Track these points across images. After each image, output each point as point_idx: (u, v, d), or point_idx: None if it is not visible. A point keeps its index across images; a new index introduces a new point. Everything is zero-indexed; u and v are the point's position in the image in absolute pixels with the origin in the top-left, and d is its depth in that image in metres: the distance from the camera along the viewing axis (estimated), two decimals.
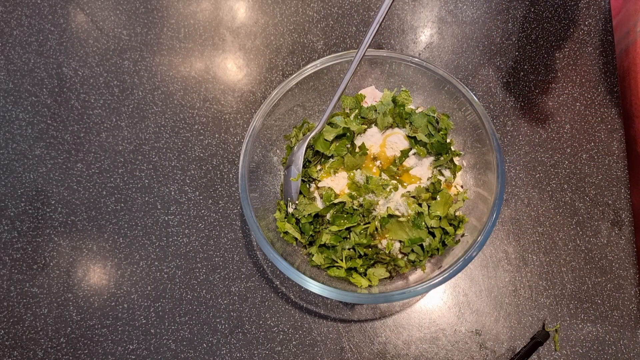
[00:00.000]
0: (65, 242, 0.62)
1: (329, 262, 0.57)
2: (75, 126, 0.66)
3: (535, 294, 0.61)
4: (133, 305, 0.60)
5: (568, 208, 0.64)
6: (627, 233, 0.63)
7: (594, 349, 0.60)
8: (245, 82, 0.69)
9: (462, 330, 0.60)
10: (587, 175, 0.65)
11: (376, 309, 0.60)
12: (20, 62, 0.68)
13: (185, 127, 0.66)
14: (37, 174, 0.64)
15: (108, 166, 0.65)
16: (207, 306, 0.60)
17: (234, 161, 0.65)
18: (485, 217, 0.53)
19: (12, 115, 0.66)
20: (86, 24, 0.70)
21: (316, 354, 0.59)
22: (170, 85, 0.68)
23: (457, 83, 0.57)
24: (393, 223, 0.57)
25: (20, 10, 0.70)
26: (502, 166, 0.54)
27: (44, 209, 0.63)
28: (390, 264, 0.57)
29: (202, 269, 0.61)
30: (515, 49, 0.70)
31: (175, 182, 0.64)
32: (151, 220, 0.63)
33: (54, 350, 0.59)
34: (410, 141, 0.61)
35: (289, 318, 0.60)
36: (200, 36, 0.70)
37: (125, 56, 0.69)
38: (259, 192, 0.57)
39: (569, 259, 0.62)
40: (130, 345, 0.59)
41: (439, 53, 0.70)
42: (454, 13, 0.71)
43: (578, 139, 0.66)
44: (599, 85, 0.68)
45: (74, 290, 0.61)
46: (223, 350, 0.59)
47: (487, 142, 0.55)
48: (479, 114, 0.56)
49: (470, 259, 0.51)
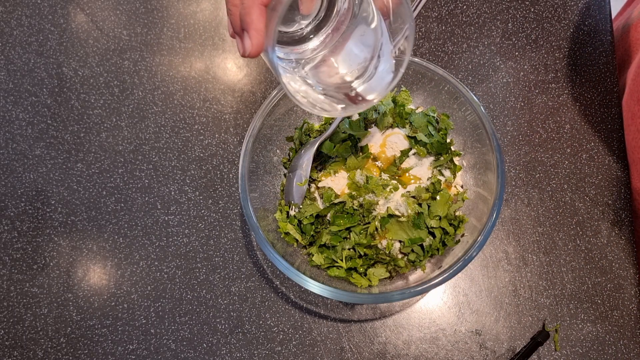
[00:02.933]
0: (65, 242, 0.62)
1: (329, 262, 0.57)
2: (75, 126, 0.66)
3: (535, 294, 0.61)
4: (133, 305, 0.60)
5: (568, 208, 0.64)
6: (627, 233, 0.63)
7: (594, 349, 0.60)
8: (245, 82, 0.69)
9: (462, 330, 0.60)
10: (587, 175, 0.65)
11: (376, 309, 0.60)
12: (20, 62, 0.68)
13: (185, 127, 0.66)
14: (37, 174, 0.64)
15: (108, 166, 0.65)
16: (207, 306, 0.60)
17: (234, 161, 0.65)
18: (485, 217, 0.53)
19: (12, 115, 0.66)
20: (86, 24, 0.70)
21: (316, 354, 0.59)
22: (170, 85, 0.68)
23: (457, 83, 0.57)
24: (393, 223, 0.57)
25: (20, 10, 0.70)
26: (502, 166, 0.54)
27: (44, 209, 0.63)
28: (390, 264, 0.57)
29: (202, 269, 0.61)
30: (515, 49, 0.70)
31: (175, 182, 0.64)
32: (151, 220, 0.63)
33: (54, 350, 0.59)
34: (410, 141, 0.61)
35: (289, 318, 0.60)
36: (200, 36, 0.70)
37: (125, 56, 0.69)
38: (259, 192, 0.57)
39: (569, 259, 0.62)
40: (130, 345, 0.59)
41: (439, 53, 0.70)
42: (454, 13, 0.71)
43: (578, 139, 0.66)
44: (599, 85, 0.68)
45: (74, 290, 0.61)
46: (223, 350, 0.59)
47: (487, 142, 0.55)
48: (479, 114, 0.56)
49: (470, 259, 0.51)
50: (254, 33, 0.36)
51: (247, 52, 0.37)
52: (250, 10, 0.35)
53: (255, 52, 0.37)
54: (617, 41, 0.72)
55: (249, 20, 0.36)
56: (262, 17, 0.36)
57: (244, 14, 0.36)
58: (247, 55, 0.37)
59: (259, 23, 0.36)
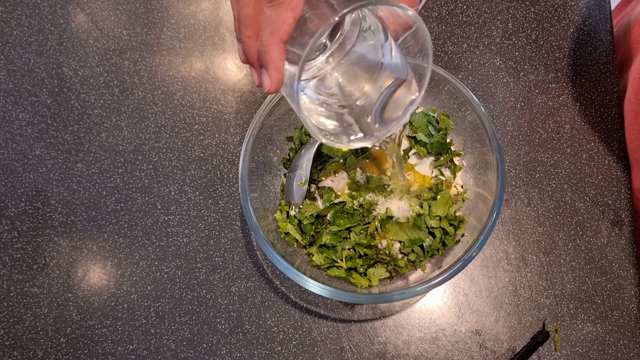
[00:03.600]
0: (65, 242, 0.62)
1: (329, 262, 0.57)
2: (75, 126, 0.66)
3: (535, 294, 0.61)
4: (133, 305, 0.60)
5: (568, 208, 0.64)
6: (627, 233, 0.63)
7: (594, 349, 0.60)
8: (245, 82, 0.69)
9: (462, 330, 0.60)
10: (587, 175, 0.65)
11: (376, 309, 0.60)
12: (20, 62, 0.68)
13: (185, 127, 0.66)
14: (37, 174, 0.64)
15: (108, 166, 0.65)
16: (207, 306, 0.60)
17: (234, 161, 0.65)
18: (485, 217, 0.53)
19: (12, 115, 0.66)
20: (86, 24, 0.70)
21: (316, 354, 0.59)
22: (170, 85, 0.68)
23: (457, 83, 0.57)
24: (393, 224, 0.57)
25: (20, 10, 0.70)
26: (502, 166, 0.54)
27: (44, 209, 0.63)
28: (390, 264, 0.57)
29: (202, 269, 0.61)
30: (515, 49, 0.70)
31: (175, 182, 0.64)
32: (151, 220, 0.63)
33: (54, 350, 0.59)
34: (410, 141, 0.61)
35: (289, 318, 0.60)
36: (200, 36, 0.70)
37: (125, 56, 0.69)
38: (259, 192, 0.57)
39: (569, 259, 0.62)
40: (130, 345, 0.59)
41: (439, 53, 0.70)
42: (454, 13, 0.71)
43: (578, 139, 0.66)
44: (599, 85, 0.68)
45: (74, 290, 0.61)
46: (223, 350, 0.59)
47: (487, 142, 0.55)
48: (479, 114, 0.56)
49: (470, 259, 0.51)
50: (274, 72, 0.35)
51: (266, 89, 0.36)
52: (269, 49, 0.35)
53: (274, 90, 0.36)
54: (618, 41, 0.72)
55: (268, 59, 0.35)
56: (281, 55, 0.35)
57: (262, 51, 0.35)
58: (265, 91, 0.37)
59: (279, 62, 0.35)
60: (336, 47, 0.40)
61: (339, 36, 0.40)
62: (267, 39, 0.35)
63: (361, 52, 0.40)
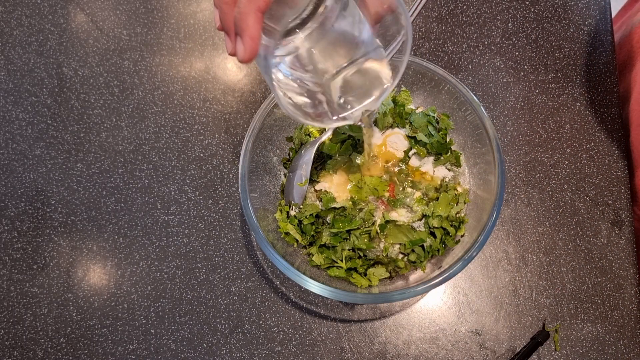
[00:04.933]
0: (65, 242, 0.62)
1: (328, 262, 0.57)
2: (75, 126, 0.66)
3: (535, 294, 0.61)
4: (133, 305, 0.60)
5: (568, 208, 0.64)
6: (627, 233, 0.63)
7: (594, 349, 0.60)
8: (245, 82, 0.69)
9: (462, 330, 0.60)
10: (587, 175, 0.65)
11: (376, 309, 0.60)
12: (20, 62, 0.68)
13: (185, 127, 0.66)
14: (37, 174, 0.64)
15: (108, 166, 0.65)
16: (207, 306, 0.60)
17: (234, 161, 0.65)
18: (485, 217, 0.53)
19: (12, 115, 0.66)
20: (86, 24, 0.70)
21: (316, 354, 0.59)
22: (170, 85, 0.68)
23: (457, 83, 0.57)
24: (391, 227, 0.57)
25: (20, 10, 0.70)
26: (502, 166, 0.54)
27: (44, 209, 0.63)
28: (391, 265, 0.57)
29: (202, 269, 0.61)
30: (515, 49, 0.70)
31: (175, 182, 0.64)
32: (151, 220, 0.63)
33: (54, 350, 0.59)
34: (410, 141, 0.61)
35: (289, 318, 0.60)
36: (200, 36, 0.70)
37: (125, 56, 0.69)
38: (259, 192, 0.57)
39: (569, 259, 0.62)
40: (130, 345, 0.59)
41: (439, 53, 0.70)
42: (454, 13, 0.71)
43: (578, 139, 0.66)
44: (599, 85, 0.68)
45: (74, 290, 0.61)
46: (223, 350, 0.59)
47: (487, 142, 0.55)
48: (479, 114, 0.56)
49: (470, 259, 0.51)
50: (249, 41, 0.35)
51: (239, 57, 0.36)
52: (246, 16, 0.34)
53: (248, 59, 0.35)
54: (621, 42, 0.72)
55: (244, 27, 0.34)
56: (258, 25, 0.34)
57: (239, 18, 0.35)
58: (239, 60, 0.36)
59: (255, 31, 0.34)
60: (316, 26, 0.39)
61: (320, 15, 0.39)
62: (244, 5, 0.34)
63: (339, 30, 0.41)
